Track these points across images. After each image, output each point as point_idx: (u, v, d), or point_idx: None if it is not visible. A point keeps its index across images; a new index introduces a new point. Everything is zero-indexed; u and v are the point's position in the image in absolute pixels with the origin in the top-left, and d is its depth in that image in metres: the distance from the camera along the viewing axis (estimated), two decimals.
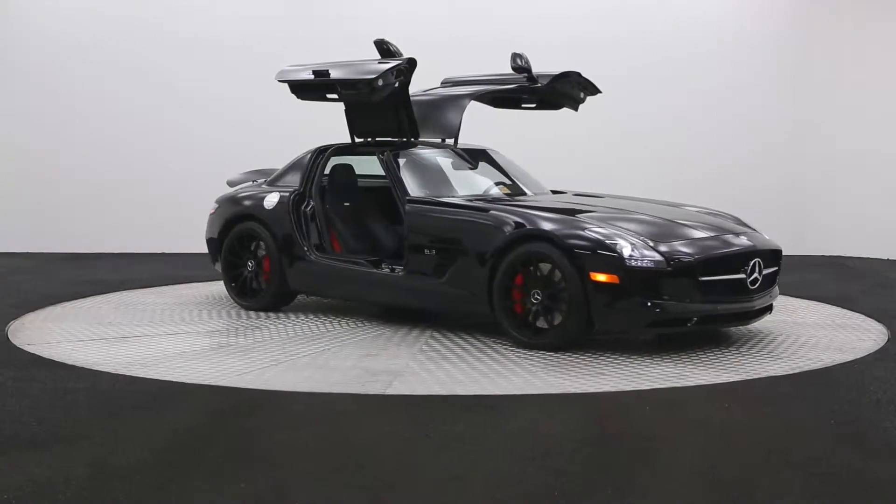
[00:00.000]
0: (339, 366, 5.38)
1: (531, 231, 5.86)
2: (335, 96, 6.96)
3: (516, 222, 5.95)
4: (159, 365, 5.31)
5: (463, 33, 11.01)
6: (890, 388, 4.82)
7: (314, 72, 6.88)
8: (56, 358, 5.45)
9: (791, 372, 5.25)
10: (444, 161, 7.10)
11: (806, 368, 5.33)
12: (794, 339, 6.16)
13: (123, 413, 4.36)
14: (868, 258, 10.99)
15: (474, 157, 7.21)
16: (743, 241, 6.04)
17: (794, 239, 11.13)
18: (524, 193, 7.01)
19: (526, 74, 7.11)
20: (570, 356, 5.58)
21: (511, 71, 7.21)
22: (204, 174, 11.15)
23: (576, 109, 7.73)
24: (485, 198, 6.67)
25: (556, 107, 7.71)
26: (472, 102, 7.18)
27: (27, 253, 10.97)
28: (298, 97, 7.24)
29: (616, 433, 4.13)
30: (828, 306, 7.52)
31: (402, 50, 6.98)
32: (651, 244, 5.63)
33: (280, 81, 7.14)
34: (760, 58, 11.44)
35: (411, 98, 6.99)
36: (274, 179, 7.49)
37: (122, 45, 11.13)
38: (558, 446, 3.89)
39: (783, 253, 6.37)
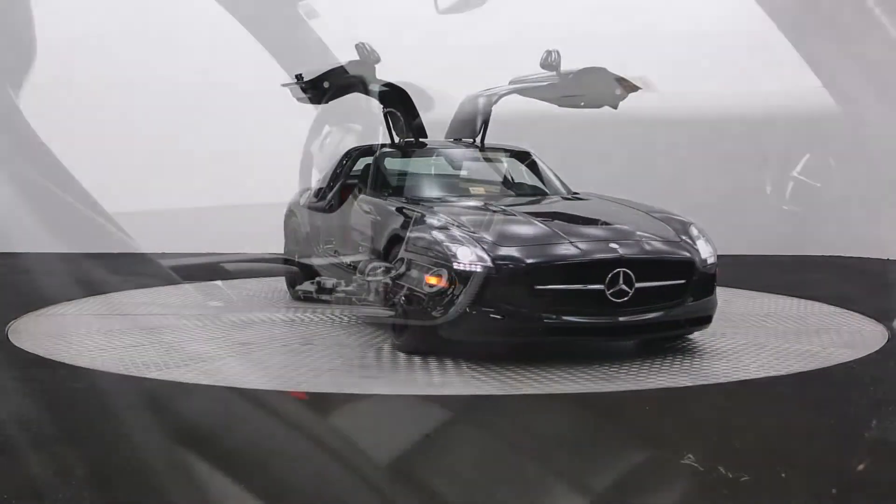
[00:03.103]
0: (180, 349, 5.65)
1: (396, 232, 5.73)
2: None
3: (399, 223, 5.78)
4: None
5: (462, 34, 10.99)
6: (890, 388, 4.82)
7: (295, 75, 6.96)
8: (56, 358, 5.44)
9: (791, 372, 5.24)
10: (453, 162, 7.12)
11: (806, 368, 5.32)
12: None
13: (123, 413, 4.36)
14: (868, 258, 10.98)
15: (521, 159, 7.19)
16: (613, 249, 5.37)
17: (794, 239, 11.13)
18: (546, 195, 6.92)
19: (554, 72, 6.97)
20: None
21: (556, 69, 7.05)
22: (205, 174, 11.14)
23: (615, 107, 7.44)
24: (470, 200, 6.42)
25: (596, 105, 7.50)
26: (539, 101, 7.16)
27: (27, 253, 10.96)
28: (298, 100, 7.30)
29: (616, 433, 4.13)
30: (828, 306, 7.51)
31: (379, 54, 6.91)
32: (490, 248, 5.25)
33: (282, 86, 7.27)
34: (760, 58, 11.42)
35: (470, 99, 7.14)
36: (323, 179, 7.71)
37: (123, 44, 11.11)
38: (558, 446, 3.88)
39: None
